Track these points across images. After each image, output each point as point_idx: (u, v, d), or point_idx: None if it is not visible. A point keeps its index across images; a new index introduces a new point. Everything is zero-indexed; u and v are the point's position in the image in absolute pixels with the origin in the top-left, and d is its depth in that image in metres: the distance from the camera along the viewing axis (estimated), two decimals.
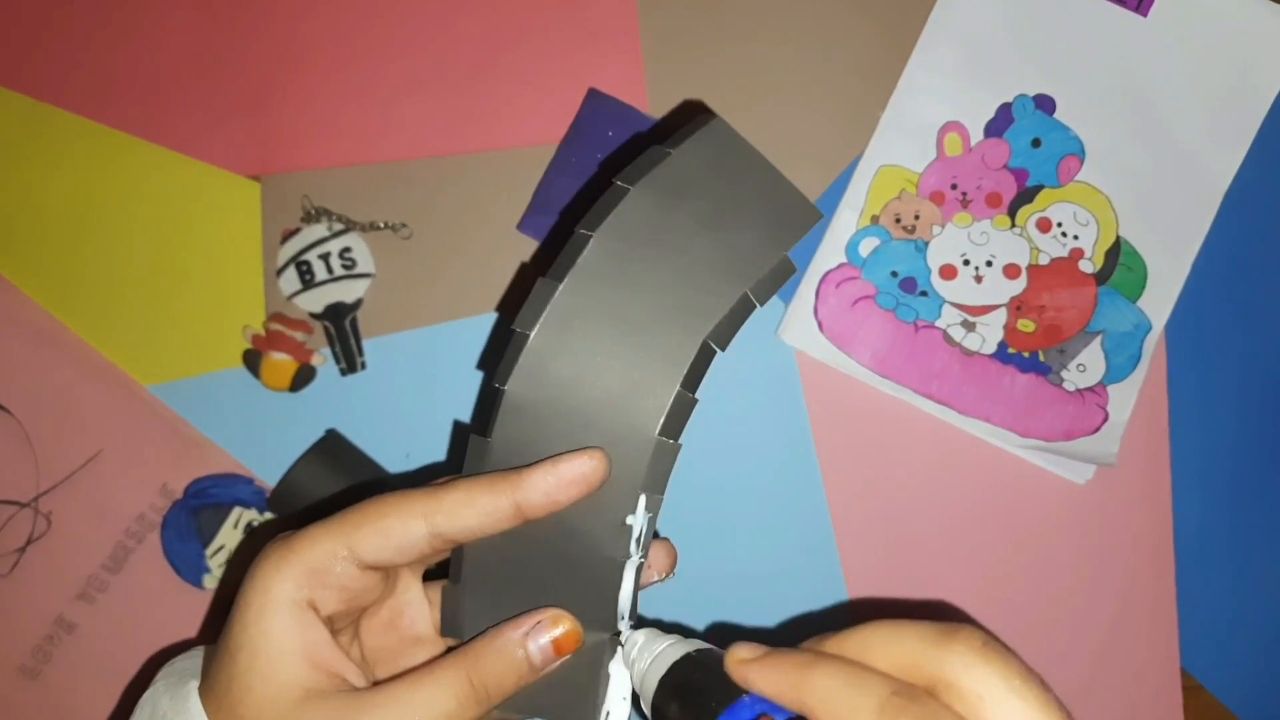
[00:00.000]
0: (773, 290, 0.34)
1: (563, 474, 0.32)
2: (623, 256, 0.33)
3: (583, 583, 0.33)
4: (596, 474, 0.32)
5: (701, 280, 0.33)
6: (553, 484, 0.32)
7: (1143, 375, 0.54)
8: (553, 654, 0.33)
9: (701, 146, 0.33)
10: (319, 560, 0.31)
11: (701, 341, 0.33)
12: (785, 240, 0.33)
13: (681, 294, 0.33)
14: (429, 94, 0.56)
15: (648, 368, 0.33)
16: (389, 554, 0.32)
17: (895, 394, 0.54)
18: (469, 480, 0.32)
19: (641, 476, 0.33)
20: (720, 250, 0.33)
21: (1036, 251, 0.54)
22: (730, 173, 0.33)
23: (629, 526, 0.33)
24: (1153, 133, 0.54)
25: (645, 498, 0.33)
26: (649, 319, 0.33)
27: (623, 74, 0.55)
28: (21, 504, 0.53)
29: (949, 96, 0.55)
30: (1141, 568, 0.54)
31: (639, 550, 0.33)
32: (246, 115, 0.56)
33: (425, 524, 0.32)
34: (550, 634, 0.33)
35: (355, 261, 0.54)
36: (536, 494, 0.32)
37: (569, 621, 0.33)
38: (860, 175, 0.54)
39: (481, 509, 0.32)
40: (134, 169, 0.55)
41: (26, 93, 0.56)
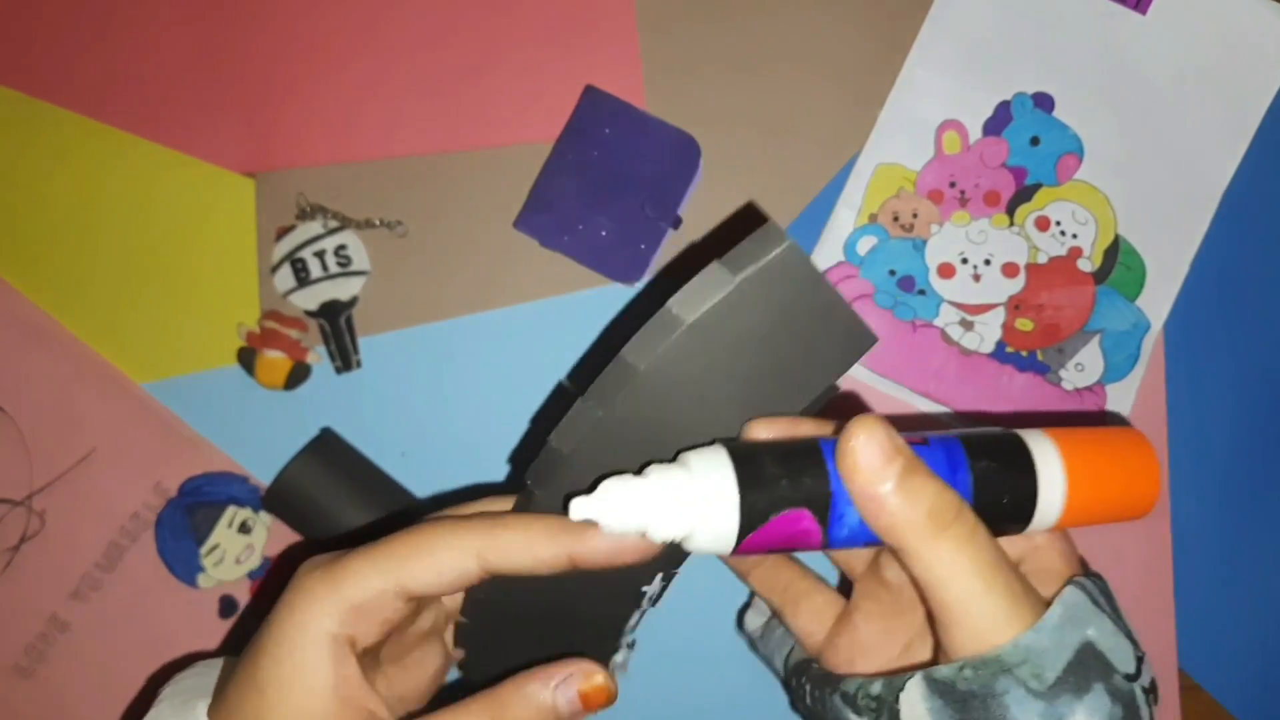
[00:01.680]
0: (818, 408, 0.34)
1: (625, 548, 0.31)
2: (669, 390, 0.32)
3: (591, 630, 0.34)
4: (654, 547, 0.32)
5: (756, 406, 0.33)
6: (612, 546, 0.31)
7: (1141, 374, 0.53)
8: (580, 707, 0.32)
9: (769, 272, 0.32)
10: (365, 597, 0.30)
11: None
12: (842, 365, 0.33)
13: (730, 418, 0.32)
14: (425, 91, 0.55)
15: None
16: (439, 588, 0.31)
17: (893, 393, 0.54)
18: (528, 521, 0.32)
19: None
20: (772, 382, 0.33)
21: (1035, 250, 0.54)
22: (796, 300, 0.32)
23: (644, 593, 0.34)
24: (1152, 131, 0.54)
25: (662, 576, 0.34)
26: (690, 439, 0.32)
27: (620, 71, 0.55)
28: (15, 502, 0.53)
29: (947, 94, 0.54)
30: (1139, 567, 0.54)
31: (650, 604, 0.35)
32: (241, 112, 0.55)
33: (478, 560, 0.31)
34: (580, 686, 0.32)
35: (350, 259, 0.54)
36: (597, 555, 0.31)
37: (601, 676, 0.32)
38: (858, 173, 0.54)
39: (537, 555, 0.31)
40: (128, 166, 0.55)
41: (20, 89, 0.56)
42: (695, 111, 0.54)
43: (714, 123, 0.54)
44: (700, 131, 0.53)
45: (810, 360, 0.33)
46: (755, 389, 0.32)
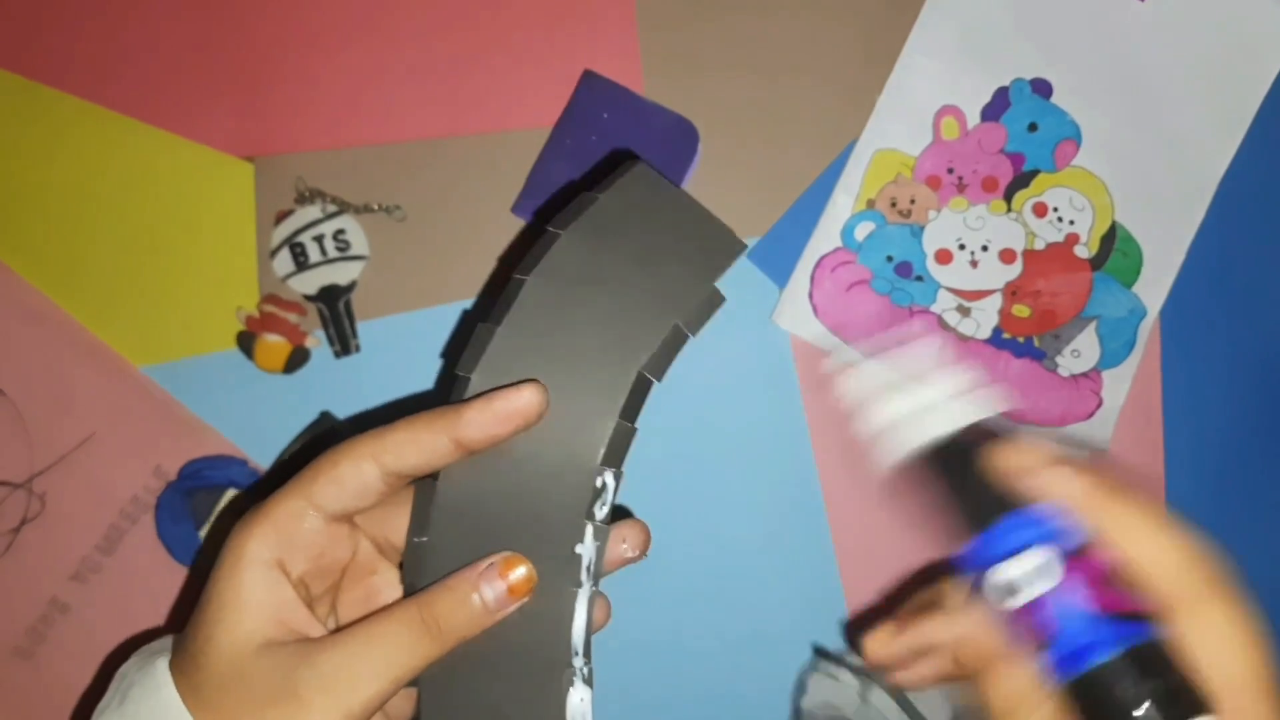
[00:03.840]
0: (703, 320, 0.35)
1: (498, 409, 0.33)
2: (558, 298, 0.34)
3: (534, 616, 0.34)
4: (533, 407, 0.33)
5: (635, 316, 0.34)
6: (488, 418, 0.33)
7: (1137, 361, 0.54)
8: (507, 597, 0.33)
9: (627, 190, 0.35)
10: (284, 519, 0.33)
11: (637, 373, 0.34)
12: (712, 273, 0.35)
13: (616, 330, 0.34)
14: (424, 76, 0.55)
15: (587, 402, 0.34)
16: (348, 500, 0.33)
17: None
18: (410, 419, 0.33)
19: (587, 505, 0.34)
20: (651, 286, 0.34)
21: (1032, 236, 0.54)
22: (656, 212, 0.35)
23: (579, 556, 0.34)
24: (1149, 118, 0.54)
25: (592, 527, 0.34)
26: (586, 356, 0.34)
27: (618, 56, 0.55)
28: (15, 485, 0.53)
29: (946, 80, 0.54)
30: None
31: (590, 579, 0.34)
32: (240, 96, 0.55)
33: (375, 464, 0.33)
34: (503, 577, 0.33)
35: (349, 244, 0.54)
36: (474, 428, 0.33)
37: (523, 564, 0.33)
38: (856, 159, 0.54)
39: (423, 445, 0.33)
40: (127, 149, 0.55)
41: (18, 72, 0.56)
42: (693, 97, 0.54)
43: (712, 108, 0.54)
44: (698, 117, 0.53)
45: (687, 270, 0.35)
46: (636, 295, 0.34)
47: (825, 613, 0.53)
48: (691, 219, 0.35)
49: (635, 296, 0.34)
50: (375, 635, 0.32)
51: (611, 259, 0.34)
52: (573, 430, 0.34)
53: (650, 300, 0.34)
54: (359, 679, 0.31)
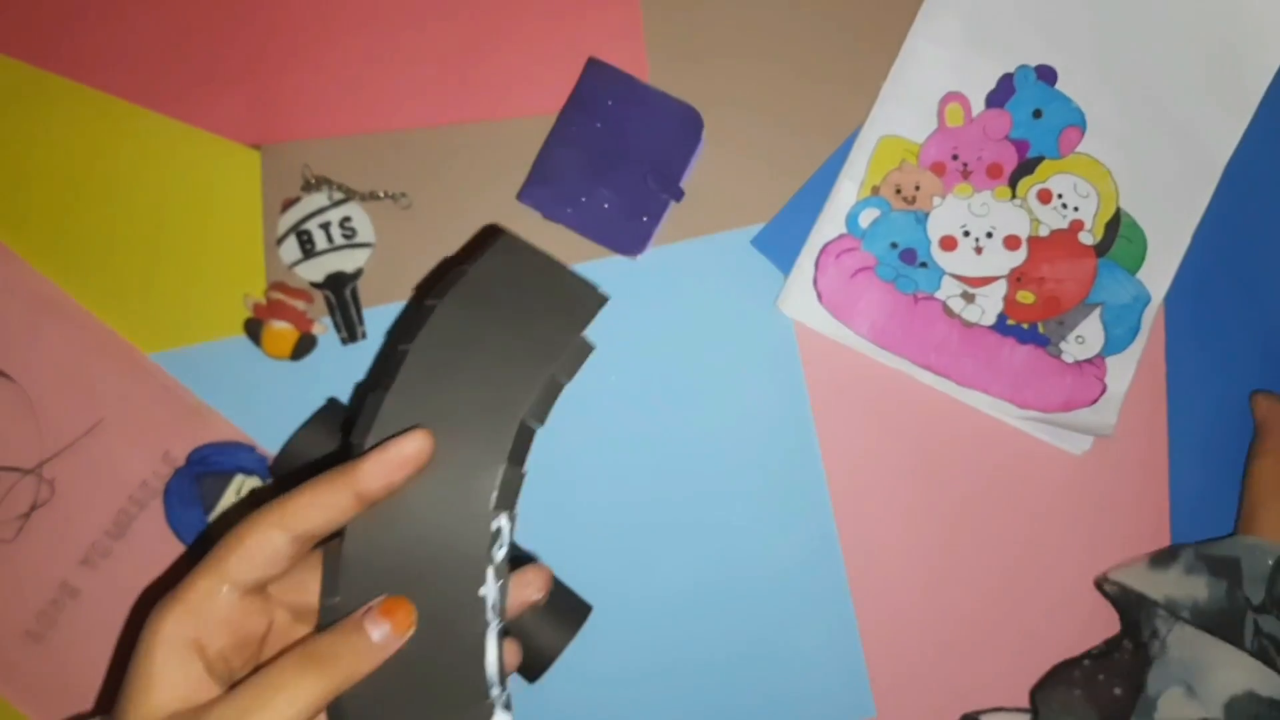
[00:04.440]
0: (576, 367, 0.38)
1: (390, 458, 0.34)
2: (439, 363, 0.37)
3: (449, 657, 0.36)
4: (423, 452, 0.35)
5: (513, 371, 0.37)
6: (383, 470, 0.34)
7: (1141, 347, 0.54)
8: (391, 633, 0.35)
9: (495, 259, 0.38)
10: (197, 599, 0.34)
11: (519, 422, 0.37)
12: (579, 325, 0.38)
13: (497, 386, 0.37)
14: (430, 63, 0.55)
15: (476, 453, 0.36)
16: (259, 571, 0.34)
17: (894, 365, 0.54)
18: (311, 482, 0.35)
19: (485, 549, 0.36)
20: (525, 343, 0.37)
21: (1037, 223, 0.54)
22: (524, 276, 0.38)
23: (483, 598, 0.36)
24: (1154, 104, 0.54)
25: (493, 569, 0.36)
26: (471, 412, 0.37)
27: (623, 43, 0.55)
28: (26, 470, 0.54)
29: (950, 66, 0.54)
30: (1138, 539, 0.54)
31: (496, 617, 0.36)
32: (247, 84, 0.56)
33: (281, 531, 0.34)
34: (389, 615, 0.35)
35: (355, 231, 0.54)
36: (371, 480, 0.34)
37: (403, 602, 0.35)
38: (861, 146, 0.54)
39: (326, 505, 0.34)
40: (135, 138, 0.56)
41: (27, 60, 0.56)
42: (698, 84, 0.54)
43: (717, 95, 0.54)
44: (703, 104, 0.53)
45: (555, 325, 0.38)
46: (512, 353, 0.37)
47: (829, 600, 0.53)
48: (557, 279, 0.38)
49: (511, 354, 0.37)
50: (265, 682, 0.33)
51: (486, 322, 0.37)
52: (465, 481, 0.36)
53: (525, 356, 0.37)
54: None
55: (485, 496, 0.36)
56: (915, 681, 0.53)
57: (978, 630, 0.53)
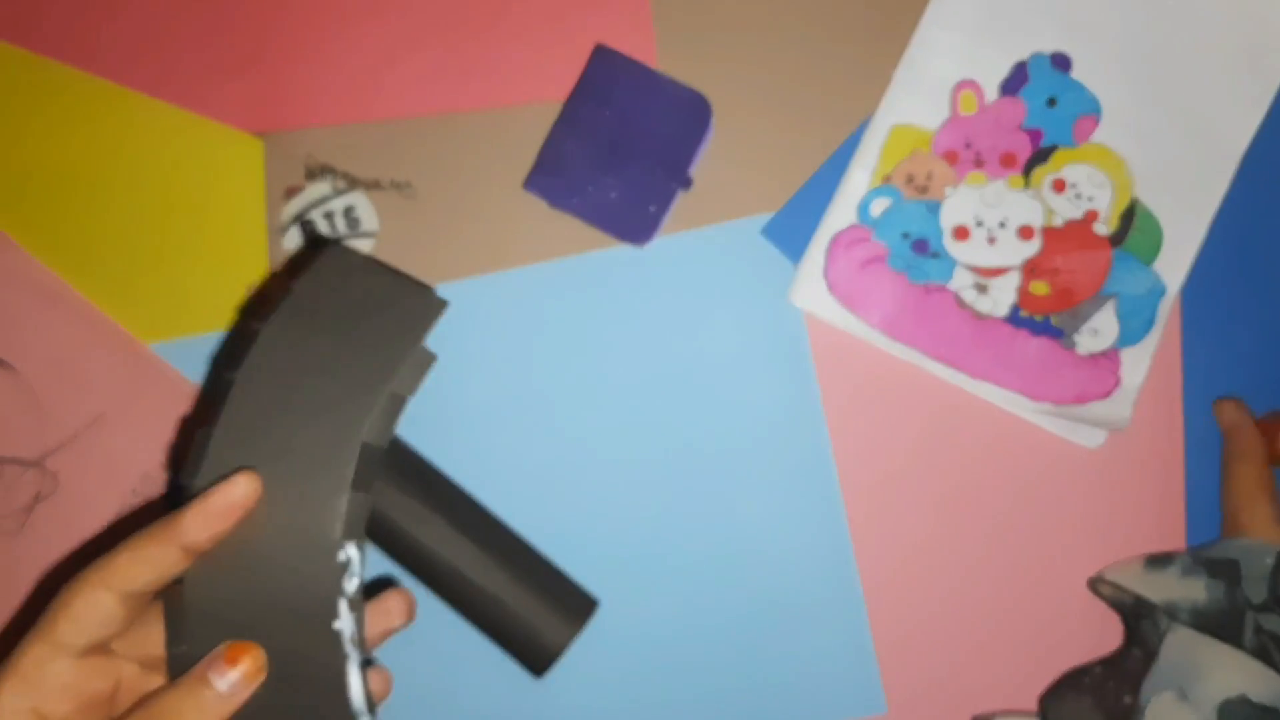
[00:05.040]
0: (418, 380, 0.37)
1: (212, 506, 0.33)
2: (270, 390, 0.35)
3: (312, 695, 0.35)
4: (249, 496, 0.34)
5: (349, 391, 0.35)
6: (206, 518, 0.33)
7: (1156, 339, 0.53)
8: (240, 681, 0.34)
9: (323, 273, 0.36)
10: (30, 668, 0.33)
11: (361, 444, 0.35)
12: (417, 335, 0.36)
13: (334, 408, 0.35)
14: (434, 50, 0.55)
15: (317, 482, 0.35)
16: (92, 633, 0.33)
17: (905, 357, 0.53)
18: (133, 538, 0.34)
19: (336, 581, 0.35)
20: (361, 360, 0.36)
21: (1051, 213, 0.53)
22: (355, 289, 0.36)
23: (338, 632, 0.35)
24: (1170, 93, 0.54)
25: (345, 601, 0.35)
26: (308, 438, 0.35)
27: (631, 30, 0.54)
28: (29, 463, 0.53)
29: (964, 54, 0.54)
30: (1152, 533, 0.53)
31: (355, 649, 0.35)
32: (250, 72, 0.55)
33: (109, 592, 0.33)
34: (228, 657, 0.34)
35: (359, 220, 0.54)
36: (195, 532, 0.33)
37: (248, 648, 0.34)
38: (872, 134, 0.54)
39: (151, 560, 0.33)
40: (137, 125, 0.55)
41: (28, 47, 0.55)
42: (707, 71, 0.53)
43: (726, 82, 0.53)
44: (712, 91, 0.52)
45: (390, 335, 0.36)
46: (348, 371, 0.35)
47: (840, 594, 0.53)
48: (390, 289, 0.37)
49: (347, 372, 0.35)
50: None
51: (316, 342, 0.35)
52: (308, 513, 0.35)
53: (362, 373, 0.35)
54: None
55: (330, 527, 0.35)
56: (926, 677, 0.52)
57: (989, 625, 0.53)
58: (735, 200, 0.54)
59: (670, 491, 0.53)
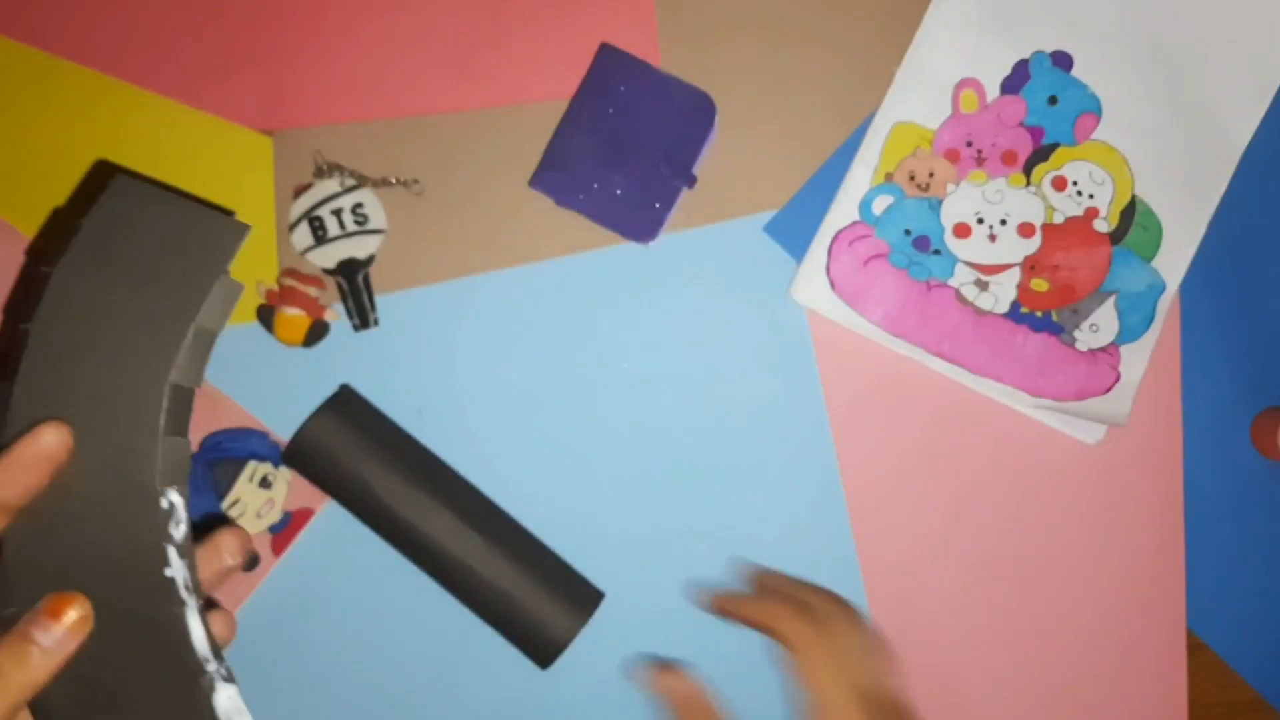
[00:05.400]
0: (226, 312, 0.35)
1: (19, 458, 0.32)
2: (70, 336, 0.33)
3: (153, 645, 0.34)
4: (60, 445, 0.32)
5: (153, 330, 0.33)
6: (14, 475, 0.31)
7: (1156, 336, 0.53)
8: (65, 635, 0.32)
9: (111, 208, 0.34)
10: None
11: (170, 386, 0.33)
12: (219, 263, 0.34)
13: (138, 350, 0.33)
14: (441, 49, 0.55)
15: (129, 430, 0.33)
16: None
17: (907, 353, 0.54)
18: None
19: (162, 528, 0.33)
20: (162, 296, 0.34)
21: (1051, 210, 0.54)
22: (148, 222, 0.34)
23: (171, 579, 0.33)
24: (1171, 91, 0.54)
25: (174, 548, 0.33)
26: (115, 385, 0.33)
27: (635, 29, 0.55)
28: None
29: (965, 52, 0.54)
30: (1151, 528, 0.54)
31: (191, 595, 0.34)
32: (258, 70, 0.55)
33: None
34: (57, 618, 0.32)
35: (367, 217, 0.54)
36: (7, 490, 0.31)
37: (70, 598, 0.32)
38: (875, 132, 0.54)
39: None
40: (147, 123, 0.55)
41: (39, 46, 0.56)
42: (711, 69, 0.54)
43: (730, 80, 0.54)
44: (716, 89, 0.53)
45: (190, 267, 0.34)
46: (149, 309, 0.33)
47: (841, 588, 0.53)
48: (187, 217, 0.35)
49: (148, 311, 0.33)
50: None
51: (112, 281, 0.34)
52: (124, 461, 0.33)
53: (164, 310, 0.34)
54: None
55: (148, 475, 0.33)
56: (925, 668, 0.53)
57: (989, 617, 0.53)
58: (739, 198, 0.54)
59: (674, 486, 0.54)
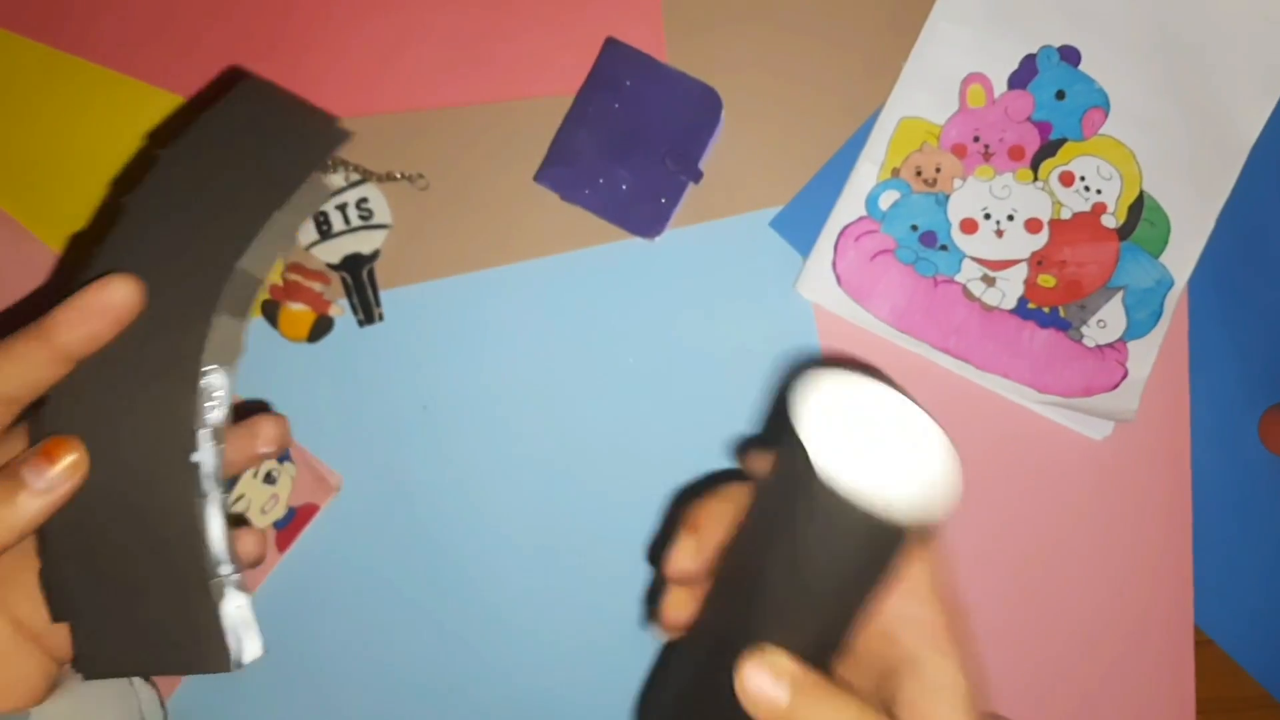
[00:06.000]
0: (310, 210, 0.36)
1: (88, 303, 0.31)
2: (160, 214, 0.34)
3: (170, 536, 0.33)
4: (128, 298, 0.32)
5: (236, 216, 0.34)
6: (80, 315, 0.31)
7: (1164, 332, 0.53)
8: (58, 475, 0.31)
9: (233, 104, 0.36)
10: None
11: (235, 268, 0.34)
12: (310, 162, 0.35)
13: (218, 232, 0.34)
14: (446, 43, 0.55)
15: (188, 305, 0.33)
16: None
17: (913, 349, 0.54)
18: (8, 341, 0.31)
19: (200, 410, 0.33)
20: (253, 186, 0.34)
21: (1059, 206, 0.53)
22: (260, 117, 0.36)
23: (198, 464, 0.33)
24: (1178, 85, 0.54)
25: (205, 432, 0.33)
26: (189, 262, 0.33)
27: (641, 23, 0.54)
28: None
29: (972, 47, 0.54)
30: (1158, 524, 0.54)
31: (217, 486, 0.33)
32: (263, 65, 0.55)
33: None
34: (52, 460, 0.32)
35: (372, 212, 0.54)
36: (67, 329, 0.31)
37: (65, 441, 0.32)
38: (881, 127, 0.54)
39: (20, 359, 0.31)
40: (151, 118, 0.55)
41: (46, 42, 0.56)
42: (717, 64, 0.54)
43: (736, 75, 0.54)
44: (722, 84, 0.53)
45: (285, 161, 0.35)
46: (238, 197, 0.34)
47: None
48: (297, 116, 0.36)
49: (238, 198, 0.34)
50: None
51: (213, 169, 0.35)
52: (175, 336, 0.33)
53: (252, 198, 0.34)
54: None
55: (195, 350, 0.33)
56: None
57: (995, 613, 0.53)
58: (744, 193, 0.54)
59: (679, 482, 0.54)
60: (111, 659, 0.33)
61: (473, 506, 0.54)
